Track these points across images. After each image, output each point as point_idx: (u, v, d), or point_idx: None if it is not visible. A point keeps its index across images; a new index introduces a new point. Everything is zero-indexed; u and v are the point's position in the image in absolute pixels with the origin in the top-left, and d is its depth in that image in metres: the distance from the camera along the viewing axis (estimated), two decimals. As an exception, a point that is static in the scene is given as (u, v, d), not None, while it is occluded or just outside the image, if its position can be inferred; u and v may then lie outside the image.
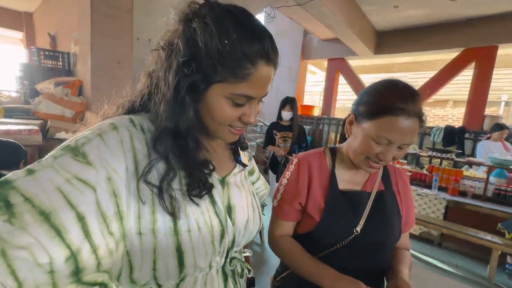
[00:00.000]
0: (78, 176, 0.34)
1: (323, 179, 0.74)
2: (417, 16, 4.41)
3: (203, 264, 0.46)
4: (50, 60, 3.40)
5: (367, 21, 4.73)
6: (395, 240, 0.74)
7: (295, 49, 6.36)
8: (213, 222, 0.46)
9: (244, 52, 0.41)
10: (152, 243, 0.40)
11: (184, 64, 0.40)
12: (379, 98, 0.64)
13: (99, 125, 0.41)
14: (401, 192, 0.79)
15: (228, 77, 0.41)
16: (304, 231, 0.75)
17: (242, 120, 0.47)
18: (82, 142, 0.37)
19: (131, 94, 0.50)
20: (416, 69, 6.73)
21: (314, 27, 5.24)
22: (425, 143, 4.84)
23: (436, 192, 3.13)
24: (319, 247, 0.71)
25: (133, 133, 0.42)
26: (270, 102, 6.87)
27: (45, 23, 4.86)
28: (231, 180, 0.55)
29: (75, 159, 0.35)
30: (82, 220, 0.33)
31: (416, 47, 4.96)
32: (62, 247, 0.31)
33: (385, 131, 0.61)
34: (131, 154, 0.41)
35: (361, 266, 0.69)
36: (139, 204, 0.40)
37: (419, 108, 0.62)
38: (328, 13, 3.58)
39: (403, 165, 3.62)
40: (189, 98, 0.42)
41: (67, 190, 0.33)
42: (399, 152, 0.65)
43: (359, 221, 0.69)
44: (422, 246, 3.01)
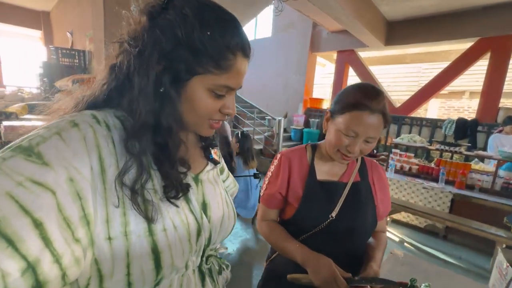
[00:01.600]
0: (32, 178, 0.30)
1: (302, 171, 0.83)
2: (429, 5, 4.28)
3: (180, 264, 0.44)
4: (67, 58, 3.59)
5: (377, 12, 4.64)
6: (369, 227, 0.82)
7: (304, 41, 6.32)
8: (189, 219, 0.45)
9: (226, 43, 0.41)
10: (125, 247, 0.37)
11: (163, 57, 0.40)
12: (348, 96, 0.73)
13: (56, 123, 0.37)
14: (376, 184, 0.87)
15: (210, 68, 0.41)
16: (287, 217, 0.85)
17: (222, 111, 0.47)
18: (36, 141, 0.33)
19: (92, 89, 0.45)
20: (429, 59, 6.53)
21: (323, 19, 5.19)
22: (436, 136, 4.76)
23: (443, 185, 3.12)
24: (300, 231, 0.80)
25: (97, 130, 0.39)
26: (278, 95, 6.91)
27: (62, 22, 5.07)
28: (204, 177, 0.54)
29: (28, 160, 0.31)
30: (40, 226, 0.29)
31: (428, 37, 4.83)
32: (16, 258, 0.27)
33: (352, 124, 0.70)
34: (95, 152, 0.37)
35: (337, 249, 0.78)
36: (107, 207, 0.37)
37: (383, 106, 0.70)
38: (335, 5, 3.55)
39: (410, 159, 3.61)
40: (173, 91, 0.41)
41: (19, 195, 0.29)
42: (366, 147, 0.73)
43: (334, 207, 0.77)
44: (427, 238, 3.03)
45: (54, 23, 5.69)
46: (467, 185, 3.03)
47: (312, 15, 5.08)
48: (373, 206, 0.83)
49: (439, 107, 8.46)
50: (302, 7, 4.65)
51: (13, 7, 5.41)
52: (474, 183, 3.01)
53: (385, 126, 0.72)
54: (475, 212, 2.81)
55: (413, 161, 3.59)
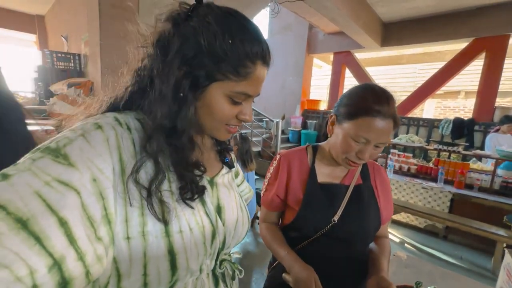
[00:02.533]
0: (59, 178, 0.31)
1: (303, 173, 0.81)
2: (424, 6, 4.32)
3: (195, 267, 0.45)
4: (63, 61, 3.54)
5: (373, 13, 4.66)
6: (372, 231, 0.79)
7: (300, 43, 6.34)
8: (204, 222, 0.46)
9: (246, 52, 0.42)
10: (142, 247, 0.38)
11: (184, 62, 0.41)
12: (358, 100, 0.70)
13: (82, 125, 0.39)
14: (379, 187, 0.84)
15: (230, 75, 0.42)
16: (288, 221, 0.82)
17: (239, 117, 0.48)
18: (63, 143, 0.34)
19: (116, 92, 0.47)
20: (425, 60, 6.57)
21: (319, 21, 5.21)
22: (433, 136, 4.78)
23: (442, 185, 3.12)
24: (302, 236, 0.78)
25: (119, 132, 0.40)
26: (275, 96, 6.91)
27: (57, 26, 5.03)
28: (219, 180, 0.55)
29: (56, 161, 0.32)
30: (65, 225, 0.30)
31: (424, 38, 4.87)
32: (44, 255, 0.28)
33: (362, 131, 0.67)
34: (117, 154, 0.38)
35: (341, 254, 0.76)
36: (127, 207, 0.38)
37: (393, 111, 0.68)
38: (331, 6, 3.56)
39: (409, 159, 3.61)
40: (191, 95, 0.42)
41: (46, 194, 0.30)
42: (375, 151, 0.71)
43: (336, 211, 0.75)
44: (427, 239, 3.02)
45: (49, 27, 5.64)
46: (466, 184, 3.04)
47: (308, 17, 5.09)
48: (377, 210, 0.81)
49: (435, 107, 8.52)
50: (298, 9, 4.66)
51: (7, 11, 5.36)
52: (473, 183, 3.02)
53: (395, 129, 0.70)
54: (475, 212, 2.81)
55: (412, 161, 3.59)
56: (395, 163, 3.59)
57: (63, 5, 4.62)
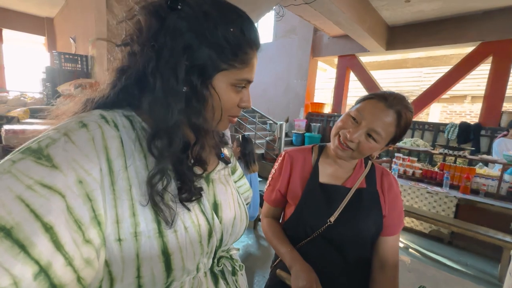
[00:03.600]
0: (42, 181, 0.30)
1: (305, 172, 0.81)
2: (430, 10, 4.31)
3: (191, 266, 0.43)
4: (70, 63, 3.60)
5: (378, 17, 4.66)
6: (369, 236, 0.76)
7: (305, 46, 6.36)
8: (200, 221, 0.44)
9: (246, 38, 0.42)
10: (135, 248, 0.37)
11: (187, 56, 0.39)
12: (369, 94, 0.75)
13: (65, 124, 0.37)
14: (386, 193, 0.80)
15: (235, 64, 0.42)
16: (286, 217, 0.84)
17: (240, 105, 0.47)
18: (46, 143, 0.33)
19: (100, 91, 0.45)
20: (430, 64, 6.53)
21: (324, 24, 5.22)
22: (438, 140, 4.73)
23: (447, 190, 3.08)
24: (299, 235, 0.78)
25: (105, 130, 0.38)
26: (278, 99, 6.93)
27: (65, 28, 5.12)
28: (215, 176, 0.53)
29: (38, 162, 0.31)
30: (50, 230, 0.29)
31: (430, 42, 4.84)
32: (29, 263, 0.27)
33: (362, 109, 0.71)
34: (103, 153, 0.37)
35: (337, 257, 0.74)
36: (117, 208, 0.36)
37: (401, 107, 0.68)
38: (336, 10, 3.57)
39: (414, 163, 3.57)
40: (204, 88, 0.41)
41: (29, 199, 0.28)
42: (367, 141, 0.69)
43: (333, 212, 0.74)
44: (432, 244, 2.98)
45: (57, 29, 5.75)
46: (472, 189, 2.99)
47: (313, 20, 5.11)
48: (379, 216, 0.77)
49: (441, 111, 8.44)
50: (303, 13, 4.68)
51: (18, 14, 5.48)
52: (479, 188, 2.97)
53: (397, 130, 0.69)
54: (481, 217, 2.76)
55: (417, 165, 3.56)
56: (399, 167, 3.56)
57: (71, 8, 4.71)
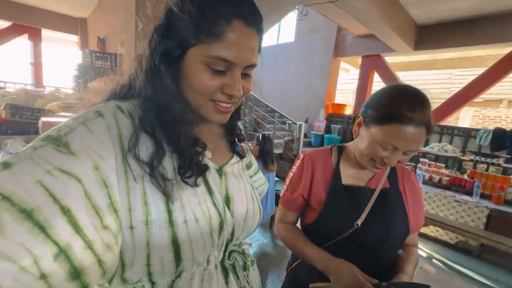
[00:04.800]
0: (60, 167, 0.31)
1: (327, 174, 0.79)
2: (465, 7, 4.05)
3: (201, 258, 0.44)
4: (100, 60, 3.80)
5: (406, 15, 4.46)
6: (398, 238, 0.75)
7: (328, 46, 6.24)
8: (211, 213, 0.44)
9: (217, 9, 0.39)
10: (145, 236, 0.37)
11: (157, 32, 0.41)
12: (388, 104, 0.65)
13: (83, 113, 0.38)
14: (408, 192, 0.79)
15: (202, 37, 0.39)
16: (307, 221, 0.80)
17: (224, 91, 0.43)
18: (64, 131, 0.34)
19: (118, 80, 0.48)
20: (463, 65, 6.15)
21: (348, 23, 5.09)
22: (469, 146, 4.44)
23: (478, 199, 2.88)
24: (322, 238, 0.75)
25: (120, 119, 0.40)
26: (298, 99, 6.85)
27: (97, 27, 5.41)
28: (228, 170, 0.53)
29: (57, 149, 0.32)
30: (68, 213, 0.30)
31: (463, 42, 4.56)
32: (48, 244, 0.28)
33: (391, 138, 0.63)
34: (118, 142, 0.38)
35: (363, 260, 0.72)
36: (129, 196, 0.37)
37: (427, 117, 0.62)
38: (362, 8, 3.47)
39: (441, 169, 3.38)
40: (164, 66, 0.41)
41: (49, 183, 0.30)
42: (404, 157, 0.67)
43: (360, 215, 0.71)
44: (459, 256, 2.80)
45: (90, 28, 6.09)
46: (506, 200, 2.78)
47: (337, 19, 5.00)
48: (404, 216, 0.76)
49: (473, 116, 7.92)
50: (327, 12, 4.59)
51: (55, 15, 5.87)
52: (514, 199, 2.76)
53: (427, 136, 0.65)
54: (515, 231, 2.56)
55: (444, 171, 3.37)
56: (424, 172, 3.39)
57: (103, 9, 4.97)
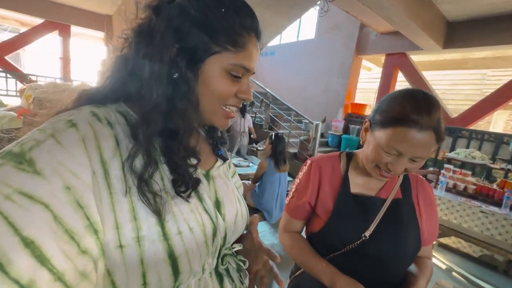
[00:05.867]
0: (21, 190, 0.27)
1: (335, 181, 0.75)
2: (502, 2, 3.73)
3: (198, 268, 0.42)
4: (122, 56, 3.94)
5: (436, 11, 4.19)
6: (410, 252, 0.70)
7: (349, 43, 6.03)
8: (204, 220, 0.43)
9: (241, 21, 0.41)
10: (138, 254, 0.34)
11: (177, 38, 0.39)
12: (393, 107, 0.62)
13: (52, 123, 0.34)
14: (421, 203, 0.74)
15: (227, 46, 0.40)
16: (313, 230, 0.77)
17: (238, 96, 0.45)
18: (29, 146, 0.30)
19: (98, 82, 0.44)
20: (497, 65, 5.69)
21: (372, 20, 4.88)
22: (500, 153, 4.12)
23: (507, 211, 2.67)
24: (328, 249, 0.72)
25: (98, 129, 0.36)
26: (316, 98, 6.71)
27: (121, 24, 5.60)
28: (215, 173, 0.52)
29: (19, 168, 0.28)
30: (31, 245, 0.26)
31: (499, 40, 4.20)
32: (7, 283, 0.24)
33: (395, 142, 0.60)
34: (97, 154, 0.34)
35: (370, 274, 0.68)
36: (115, 212, 0.34)
37: (436, 121, 0.58)
38: (387, 4, 3.29)
39: (467, 177, 3.17)
40: (190, 72, 0.40)
41: (7, 210, 0.26)
42: (412, 165, 0.62)
43: (369, 226, 0.67)
44: (482, 271, 2.62)
45: (114, 25, 6.31)
46: (540, 214, 2.55)
47: (360, 16, 4.80)
48: (417, 229, 0.71)
49: (507, 120, 7.35)
50: (349, 7, 4.42)
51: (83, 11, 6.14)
52: (550, 213, 2.52)
53: (438, 143, 0.60)
54: (550, 248, 2.34)
55: (470, 179, 3.15)
56: (448, 179, 3.19)
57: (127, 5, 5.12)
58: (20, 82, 5.33)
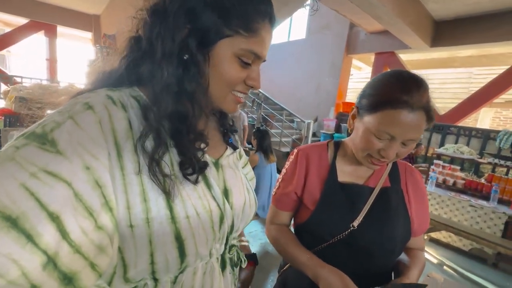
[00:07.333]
0: (46, 168, 0.29)
1: (322, 170, 0.73)
2: (487, 1, 3.82)
3: (205, 252, 0.44)
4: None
5: (423, 10, 4.26)
6: (399, 242, 0.68)
7: (339, 43, 6.08)
8: (212, 206, 0.44)
9: (255, 6, 0.41)
10: (147, 235, 0.36)
11: (189, 19, 0.38)
12: (380, 89, 0.60)
13: (70, 105, 0.35)
14: (411, 192, 0.73)
15: (240, 30, 0.40)
16: (300, 221, 0.74)
17: (247, 83, 0.45)
18: (50, 127, 0.32)
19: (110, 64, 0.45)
20: (483, 63, 5.84)
21: (361, 19, 4.93)
22: (487, 148, 4.21)
23: (495, 205, 2.72)
24: (315, 240, 0.69)
25: (113, 111, 0.37)
26: (308, 97, 6.73)
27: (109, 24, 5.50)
28: (224, 162, 0.52)
29: (42, 148, 0.30)
30: (57, 219, 0.28)
31: (484, 38, 4.31)
32: (36, 253, 0.26)
33: (386, 125, 0.57)
34: (111, 137, 0.35)
35: (360, 265, 0.66)
36: (127, 194, 0.35)
37: (426, 100, 0.56)
38: (376, 3, 3.33)
39: (456, 172, 3.22)
40: (200, 54, 0.39)
41: (34, 187, 0.28)
42: (404, 149, 0.60)
43: (357, 216, 0.65)
44: (472, 264, 2.66)
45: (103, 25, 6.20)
46: (526, 206, 2.61)
47: (350, 15, 4.85)
48: (406, 218, 0.69)
49: (493, 117, 7.54)
50: (339, 7, 4.46)
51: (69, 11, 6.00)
52: (536, 205, 2.58)
53: (428, 124, 0.58)
54: (537, 240, 2.40)
55: (459, 174, 3.21)
56: (438, 175, 3.23)
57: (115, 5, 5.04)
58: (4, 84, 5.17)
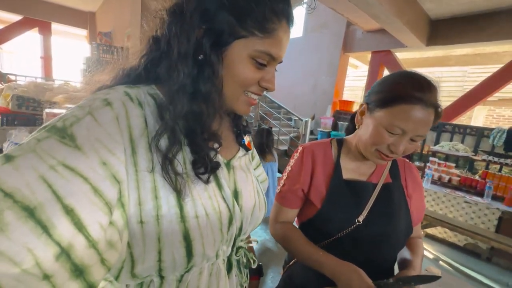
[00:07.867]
0: (64, 162, 0.30)
1: (327, 168, 0.74)
2: (481, 1, 3.87)
3: (211, 253, 0.43)
4: (107, 54, 3.82)
5: (419, 9, 4.30)
6: (402, 235, 0.71)
7: (336, 41, 6.10)
8: (221, 207, 0.43)
9: (272, 6, 0.40)
10: (156, 232, 0.36)
11: (205, 19, 0.38)
12: (394, 86, 0.62)
13: (90, 101, 0.36)
14: (409, 186, 0.76)
15: (255, 31, 0.39)
16: (306, 218, 0.76)
17: (261, 84, 0.44)
18: (70, 122, 0.32)
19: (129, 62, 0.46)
20: (477, 62, 5.92)
21: (358, 18, 4.95)
22: (481, 146, 4.29)
23: (489, 201, 2.79)
24: (321, 235, 0.71)
25: (130, 108, 0.38)
26: (305, 96, 6.76)
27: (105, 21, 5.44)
28: (236, 163, 0.52)
29: (62, 142, 0.31)
30: (71, 212, 0.29)
31: (478, 37, 4.36)
32: (50, 244, 0.27)
33: (399, 120, 0.59)
34: (127, 133, 0.36)
35: (365, 258, 0.68)
36: (139, 190, 0.36)
37: (436, 99, 0.60)
38: (373, 1, 3.35)
39: (451, 169, 3.28)
40: (214, 54, 0.39)
41: (52, 179, 0.28)
42: (410, 145, 0.63)
43: (362, 211, 0.68)
44: (467, 259, 2.72)
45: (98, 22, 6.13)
46: (519, 202, 2.68)
47: (347, 14, 4.86)
48: (407, 211, 0.72)
49: (486, 115, 7.66)
50: (336, 5, 4.47)
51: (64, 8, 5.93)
52: (528, 201, 2.65)
53: (435, 122, 0.62)
54: (529, 234, 2.46)
55: (454, 171, 3.27)
56: (434, 172, 3.29)
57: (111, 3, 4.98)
58: (-2, 82, 5.09)
